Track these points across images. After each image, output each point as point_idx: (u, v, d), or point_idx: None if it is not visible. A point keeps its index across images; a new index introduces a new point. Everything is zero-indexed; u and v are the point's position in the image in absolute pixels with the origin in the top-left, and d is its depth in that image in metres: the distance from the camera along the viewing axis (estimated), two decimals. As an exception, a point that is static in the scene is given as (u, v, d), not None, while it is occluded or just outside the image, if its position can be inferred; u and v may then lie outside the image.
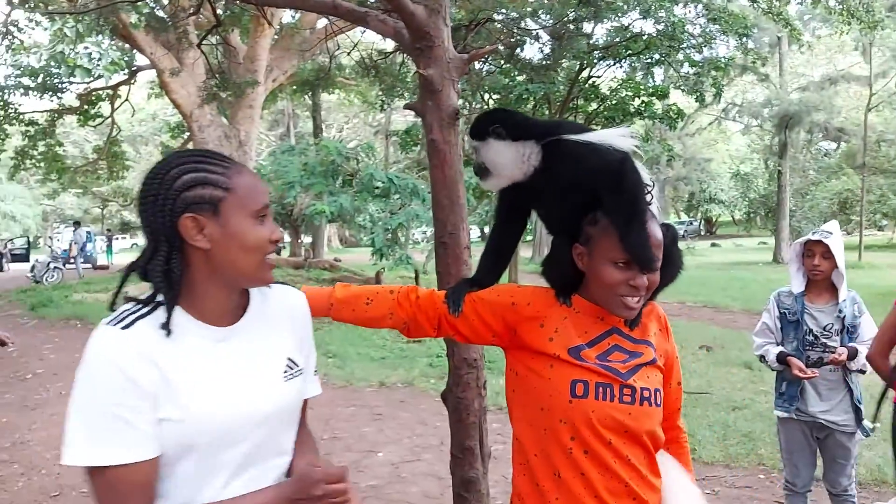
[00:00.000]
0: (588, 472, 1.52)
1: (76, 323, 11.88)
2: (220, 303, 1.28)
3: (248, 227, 1.24)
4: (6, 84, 19.24)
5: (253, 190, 1.26)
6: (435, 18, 2.33)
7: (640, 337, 1.62)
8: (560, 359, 1.54)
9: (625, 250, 1.49)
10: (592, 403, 1.51)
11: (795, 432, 3.53)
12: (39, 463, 5.18)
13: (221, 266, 1.25)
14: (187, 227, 1.22)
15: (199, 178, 1.23)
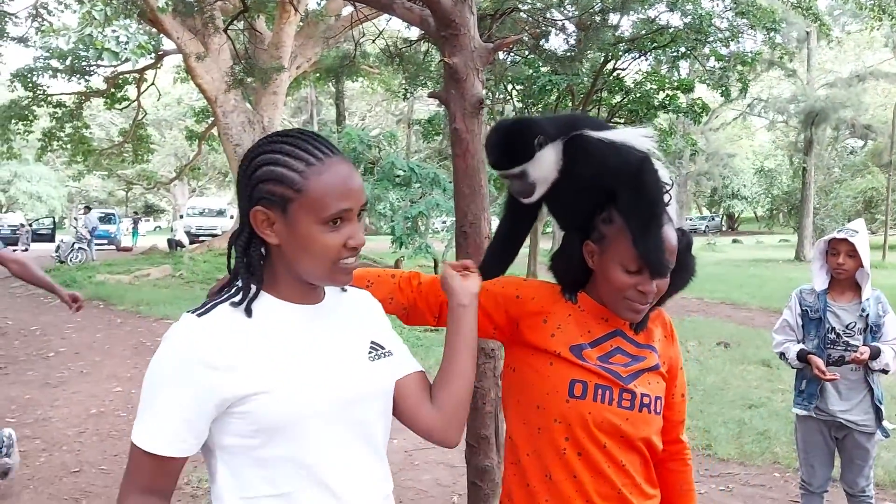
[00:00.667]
0: (580, 474, 1.49)
1: (98, 303, 12.03)
2: (298, 287, 1.25)
3: (315, 233, 1.18)
4: (35, 66, 19.46)
5: (328, 194, 1.17)
6: (461, 7, 2.32)
7: (645, 342, 1.58)
8: (561, 357, 1.50)
9: (638, 254, 1.45)
10: (590, 405, 1.48)
11: (813, 431, 3.51)
12: (61, 439, 5.27)
13: (291, 262, 1.22)
14: (257, 219, 1.20)
15: (274, 174, 1.18)
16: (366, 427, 1.28)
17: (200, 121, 24.78)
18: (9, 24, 18.56)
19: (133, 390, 6.67)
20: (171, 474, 1.18)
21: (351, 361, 1.27)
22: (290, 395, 1.17)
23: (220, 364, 1.14)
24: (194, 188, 47.55)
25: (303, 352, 1.21)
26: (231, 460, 1.20)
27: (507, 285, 1.62)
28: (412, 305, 1.64)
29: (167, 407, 1.13)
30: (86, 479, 4.50)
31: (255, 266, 1.23)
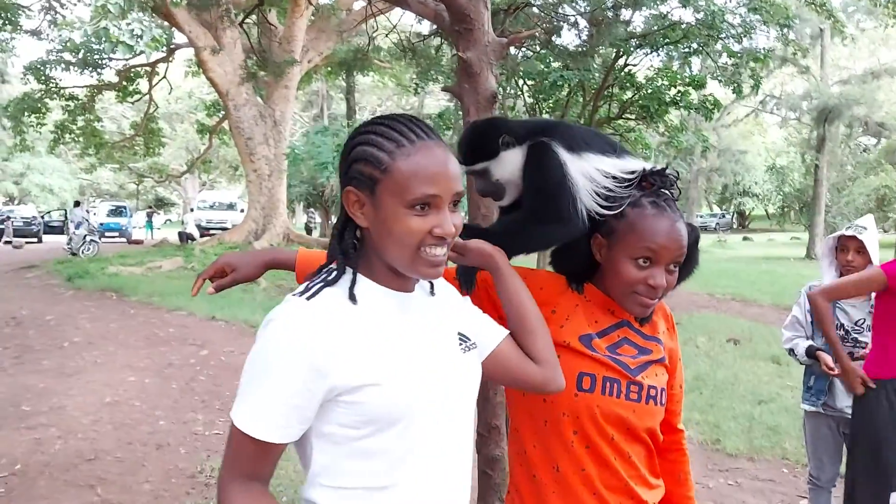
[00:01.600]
0: (588, 467, 1.49)
1: (112, 295, 12.14)
2: (391, 273, 1.23)
3: (399, 215, 1.14)
4: (48, 59, 19.60)
5: (414, 176, 1.13)
6: (475, 2, 2.35)
7: (651, 333, 1.59)
8: (570, 347, 1.50)
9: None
10: (598, 398, 1.48)
11: (822, 427, 3.53)
12: (76, 427, 5.34)
13: (378, 247, 1.20)
14: (349, 200, 1.19)
15: (366, 153, 1.16)
16: (461, 419, 1.27)
17: (212, 114, 24.89)
18: (22, 16, 18.71)
19: (147, 380, 6.75)
20: (273, 460, 1.16)
21: (449, 354, 1.26)
22: (400, 388, 1.15)
23: (331, 349, 1.12)
24: (205, 181, 47.75)
25: (407, 343, 1.20)
26: (331, 449, 1.18)
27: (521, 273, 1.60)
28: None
29: (275, 391, 1.10)
30: (101, 467, 4.56)
31: (349, 249, 1.22)
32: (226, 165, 44.17)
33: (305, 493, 1.22)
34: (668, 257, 1.46)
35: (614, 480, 1.50)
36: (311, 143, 14.08)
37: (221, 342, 8.54)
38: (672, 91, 13.25)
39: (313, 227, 31.26)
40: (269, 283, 14.23)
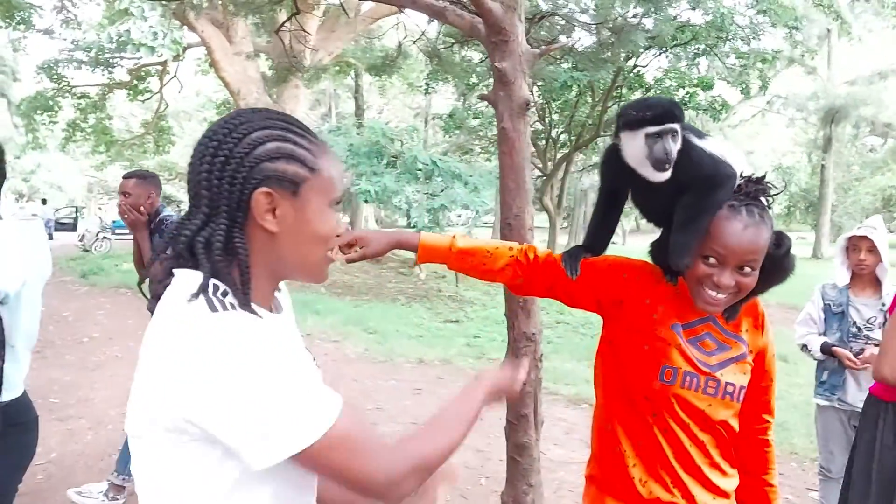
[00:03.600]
0: (665, 448, 1.61)
1: (126, 291, 12.31)
2: (268, 293, 1.14)
3: (325, 215, 1.11)
4: (60, 58, 19.78)
5: (337, 175, 1.13)
6: (511, 15, 2.50)
7: (734, 331, 1.67)
8: (659, 338, 1.61)
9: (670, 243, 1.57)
10: (678, 389, 1.60)
11: (833, 420, 3.66)
12: (105, 419, 5.49)
13: (285, 254, 1.11)
14: (260, 202, 1.06)
15: (287, 150, 1.08)
16: None
17: (221, 112, 25.05)
18: (34, 16, 18.88)
19: (168, 374, 6.90)
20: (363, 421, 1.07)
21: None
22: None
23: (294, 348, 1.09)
24: (213, 180, 47.86)
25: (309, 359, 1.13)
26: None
27: (614, 265, 1.72)
28: (527, 277, 1.75)
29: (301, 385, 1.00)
30: (132, 457, 4.71)
31: (244, 264, 1.08)
32: (233, 163, 44.30)
33: None
34: (734, 259, 1.53)
35: (689, 463, 1.62)
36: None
37: (238, 338, 8.67)
38: (680, 92, 13.38)
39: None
40: (280, 280, 14.41)
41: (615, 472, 1.69)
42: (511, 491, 2.76)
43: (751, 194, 1.58)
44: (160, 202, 3.89)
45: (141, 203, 3.70)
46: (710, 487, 1.64)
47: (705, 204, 1.56)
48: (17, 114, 23.14)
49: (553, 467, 4.70)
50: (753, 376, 1.70)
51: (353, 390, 6.60)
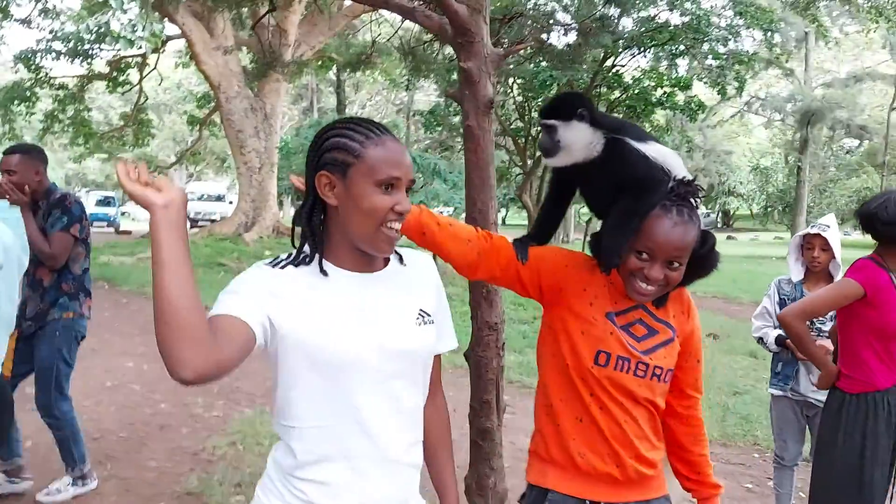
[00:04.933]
0: (601, 423, 1.77)
1: (103, 284, 12.26)
2: (353, 254, 1.44)
3: (368, 193, 1.37)
4: (37, 48, 19.59)
5: (382, 161, 1.37)
6: (476, 17, 2.59)
7: (663, 317, 1.82)
8: (594, 324, 1.76)
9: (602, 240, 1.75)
10: (611, 372, 1.75)
11: (786, 410, 3.81)
12: (80, 409, 5.44)
13: (346, 224, 1.41)
14: (320, 182, 1.40)
15: (339, 143, 1.40)
16: (408, 379, 1.47)
17: (202, 106, 24.94)
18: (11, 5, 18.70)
19: (145, 366, 6.95)
20: (233, 332, 1.28)
21: (401, 322, 1.46)
22: (345, 339, 1.37)
23: (280, 293, 1.36)
24: (192, 173, 47.69)
25: (360, 306, 1.41)
26: (286, 394, 1.41)
27: (557, 255, 1.87)
28: (486, 254, 1.82)
29: (239, 294, 1.34)
30: (107, 445, 4.78)
31: (316, 233, 1.43)
32: (213, 157, 44.15)
33: (273, 425, 1.48)
34: (664, 254, 1.68)
35: (623, 437, 1.78)
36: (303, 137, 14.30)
37: (216, 331, 8.72)
38: (658, 92, 13.56)
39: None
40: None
41: (556, 446, 1.83)
42: (474, 474, 2.87)
43: (681, 195, 1.73)
44: (48, 180, 3.69)
45: (27, 181, 3.49)
46: (639, 458, 1.80)
47: (636, 207, 1.71)
48: (-6, 104, 22.89)
49: (521, 456, 4.82)
50: (681, 358, 1.85)
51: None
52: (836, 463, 2.78)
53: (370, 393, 1.41)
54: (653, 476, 1.84)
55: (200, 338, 1.18)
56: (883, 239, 2.72)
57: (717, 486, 1.96)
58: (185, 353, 1.16)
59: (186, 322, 1.17)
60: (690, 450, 1.93)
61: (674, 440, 1.93)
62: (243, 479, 4.18)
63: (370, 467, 1.42)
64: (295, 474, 1.41)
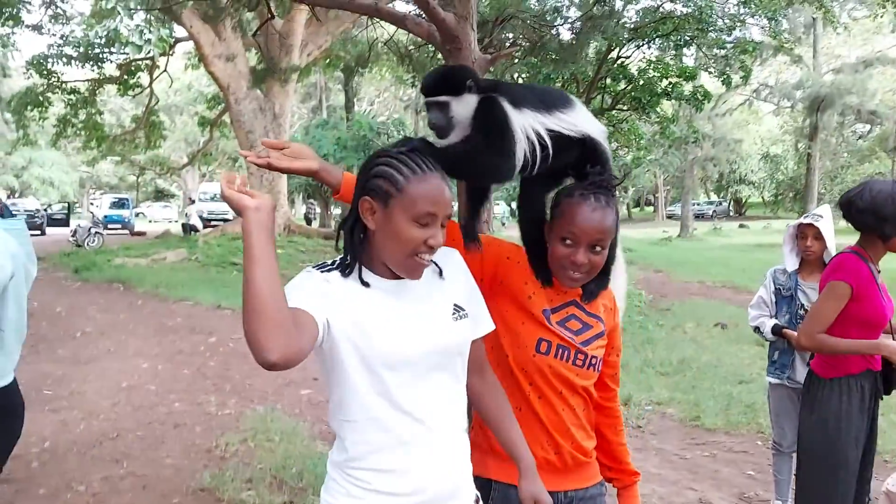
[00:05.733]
0: (540, 412, 1.84)
1: (119, 286, 12.48)
2: (384, 268, 1.54)
3: (403, 226, 1.47)
4: (49, 53, 19.80)
5: (421, 198, 1.46)
6: (463, 24, 2.69)
7: (594, 311, 1.90)
8: (533, 317, 1.84)
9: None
10: (551, 360, 1.82)
11: (783, 397, 3.89)
12: (97, 410, 5.69)
13: (379, 247, 1.52)
14: (363, 206, 1.50)
15: (386, 172, 1.49)
16: (449, 370, 1.59)
17: (212, 107, 25.12)
18: (23, 11, 18.91)
19: (159, 366, 7.10)
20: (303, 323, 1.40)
21: (439, 318, 1.58)
22: (383, 340, 1.48)
23: (330, 296, 1.47)
24: (204, 173, 48.00)
25: (400, 307, 1.53)
26: (340, 391, 1.52)
27: (501, 246, 1.91)
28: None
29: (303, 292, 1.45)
30: (124, 444, 4.91)
31: (356, 244, 1.54)
32: (224, 157, 44.41)
33: (330, 422, 1.60)
34: (587, 238, 1.75)
35: (561, 425, 1.86)
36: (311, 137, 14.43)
37: (228, 330, 8.89)
38: (664, 82, 13.53)
39: (313, 218, 31.55)
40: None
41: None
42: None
43: (597, 183, 1.80)
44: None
45: None
46: (576, 446, 1.88)
47: (470, 165, 1.72)
48: (8, 110, 23.15)
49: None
50: (606, 350, 1.95)
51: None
52: (814, 444, 2.87)
53: (415, 385, 1.52)
54: (589, 463, 1.93)
55: (286, 326, 1.30)
56: (860, 227, 2.77)
57: (635, 472, 2.05)
58: (273, 339, 1.27)
59: (274, 311, 1.29)
60: (611, 440, 2.02)
61: (596, 431, 1.99)
62: (254, 474, 4.31)
63: (423, 453, 1.53)
64: (355, 465, 1.53)
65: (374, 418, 1.51)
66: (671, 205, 50.95)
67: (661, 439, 5.30)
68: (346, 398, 1.52)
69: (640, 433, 5.42)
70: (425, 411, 1.53)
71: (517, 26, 10.19)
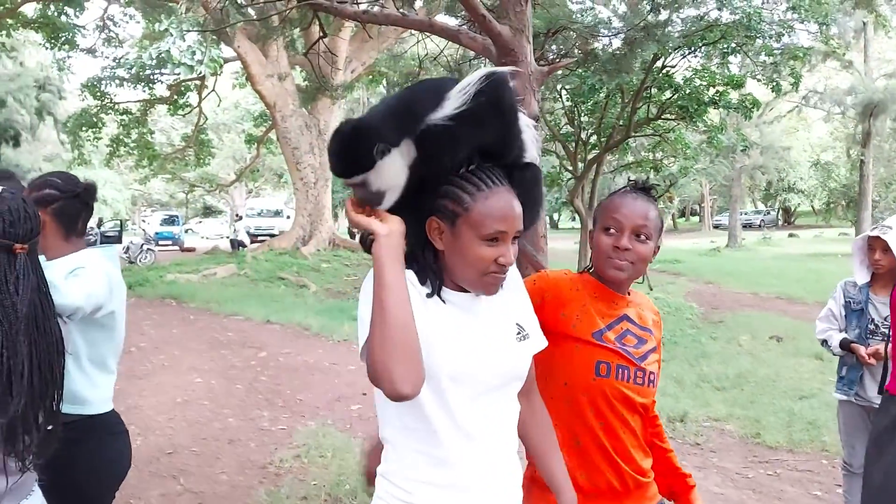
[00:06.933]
0: (602, 438, 1.80)
1: (171, 302, 12.70)
2: (455, 283, 1.50)
3: (472, 245, 1.42)
4: (102, 76, 20.43)
5: (489, 216, 1.41)
6: (519, 37, 2.66)
7: (645, 325, 1.88)
8: (585, 342, 1.79)
9: None
10: (612, 382, 1.78)
11: (854, 415, 3.74)
12: (153, 425, 5.77)
13: (449, 267, 1.48)
14: (430, 227, 1.46)
15: (452, 192, 1.44)
16: (503, 393, 1.54)
17: (259, 125, 25.56)
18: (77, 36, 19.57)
19: (213, 381, 7.19)
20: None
21: (504, 339, 1.53)
22: (448, 356, 1.42)
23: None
24: (251, 189, 48.83)
25: (467, 325, 1.48)
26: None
27: (533, 291, 1.77)
28: None
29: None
30: (180, 460, 4.97)
31: (420, 257, 1.49)
32: (270, 173, 45.14)
33: (380, 432, 1.55)
34: (629, 223, 1.79)
35: (623, 450, 1.81)
36: (356, 152, 14.58)
37: (278, 344, 8.97)
38: (711, 91, 13.34)
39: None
40: (318, 287, 14.70)
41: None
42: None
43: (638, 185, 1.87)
44: None
45: None
46: (636, 468, 1.84)
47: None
48: (64, 131, 23.94)
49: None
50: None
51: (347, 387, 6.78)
52: (886, 470, 2.71)
53: (474, 403, 1.48)
54: (648, 483, 1.89)
55: (416, 354, 1.29)
56: None
57: (689, 475, 1.99)
58: (407, 370, 1.26)
59: (407, 340, 1.27)
60: (660, 447, 1.98)
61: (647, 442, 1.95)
62: (309, 491, 4.31)
63: (471, 471, 1.48)
64: (401, 476, 1.49)
65: (430, 431, 1.46)
66: (717, 214, 50.10)
67: (721, 457, 5.15)
68: (402, 409, 1.46)
69: (699, 450, 5.29)
70: (479, 430, 1.49)
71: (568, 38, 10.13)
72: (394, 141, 1.39)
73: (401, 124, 1.41)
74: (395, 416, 1.50)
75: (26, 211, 1.64)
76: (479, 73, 1.43)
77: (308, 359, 8.25)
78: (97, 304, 2.13)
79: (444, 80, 1.50)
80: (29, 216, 1.64)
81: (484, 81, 1.41)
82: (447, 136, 1.40)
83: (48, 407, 1.63)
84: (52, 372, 1.64)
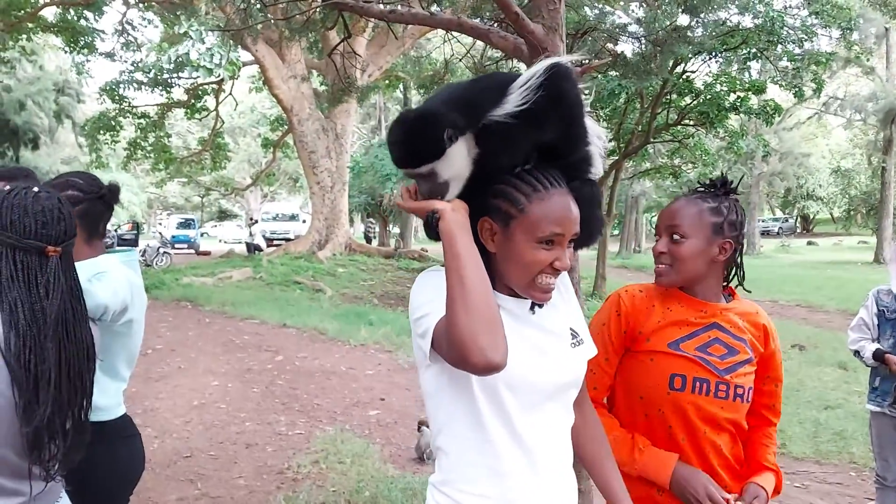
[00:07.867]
0: (686, 453, 1.70)
1: (187, 304, 12.70)
2: (508, 287, 1.44)
3: (526, 248, 1.36)
4: (121, 79, 20.55)
5: (545, 218, 1.35)
6: (552, 36, 2.59)
7: (740, 334, 1.76)
8: (659, 352, 1.71)
9: None
10: (689, 396, 1.68)
11: (887, 427, 3.63)
12: (170, 428, 5.73)
13: (501, 270, 1.41)
14: (482, 227, 1.40)
15: (506, 192, 1.38)
16: (563, 401, 1.48)
17: (275, 128, 25.63)
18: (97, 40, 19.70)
19: (229, 384, 7.14)
20: None
21: (559, 349, 1.46)
22: (511, 368, 1.28)
23: None
24: (266, 193, 49.01)
25: (518, 331, 1.39)
26: (449, 409, 1.41)
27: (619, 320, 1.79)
28: None
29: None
30: (197, 463, 4.92)
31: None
32: (286, 177, 45.30)
33: (433, 441, 1.48)
34: (662, 224, 1.81)
35: (707, 467, 1.71)
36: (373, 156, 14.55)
37: (294, 348, 8.93)
38: (731, 96, 13.21)
39: (372, 237, 31.79)
40: (334, 291, 14.67)
41: (638, 486, 1.72)
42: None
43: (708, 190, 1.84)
44: None
45: None
46: (726, 489, 1.71)
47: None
48: (82, 134, 24.10)
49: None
50: (758, 378, 1.79)
51: (407, 398, 6.72)
52: None
53: (528, 413, 1.41)
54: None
55: (500, 323, 1.23)
56: None
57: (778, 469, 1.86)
58: (493, 339, 1.20)
59: (491, 308, 1.22)
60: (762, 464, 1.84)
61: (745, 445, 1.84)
62: (327, 498, 4.24)
63: (525, 483, 1.42)
64: (452, 486, 1.43)
65: (486, 440, 1.40)
66: (735, 221, 49.62)
67: (746, 468, 5.04)
68: (456, 416, 1.41)
69: (724, 461, 5.18)
70: (535, 441, 1.42)
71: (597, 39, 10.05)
72: (461, 128, 1.33)
73: (464, 115, 1.34)
74: (449, 425, 1.43)
75: (61, 212, 1.58)
76: (541, 64, 1.35)
77: (325, 363, 8.20)
78: (123, 305, 2.07)
79: (507, 75, 1.42)
80: (63, 217, 1.58)
81: (546, 74, 1.33)
82: (507, 134, 1.33)
83: (76, 415, 1.57)
84: (81, 379, 1.58)
